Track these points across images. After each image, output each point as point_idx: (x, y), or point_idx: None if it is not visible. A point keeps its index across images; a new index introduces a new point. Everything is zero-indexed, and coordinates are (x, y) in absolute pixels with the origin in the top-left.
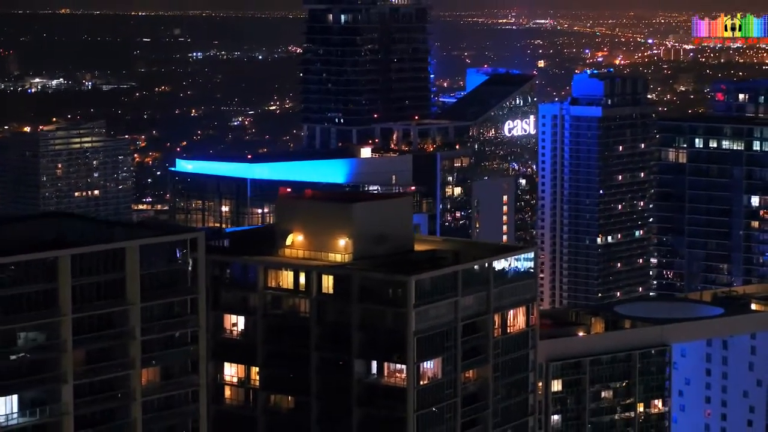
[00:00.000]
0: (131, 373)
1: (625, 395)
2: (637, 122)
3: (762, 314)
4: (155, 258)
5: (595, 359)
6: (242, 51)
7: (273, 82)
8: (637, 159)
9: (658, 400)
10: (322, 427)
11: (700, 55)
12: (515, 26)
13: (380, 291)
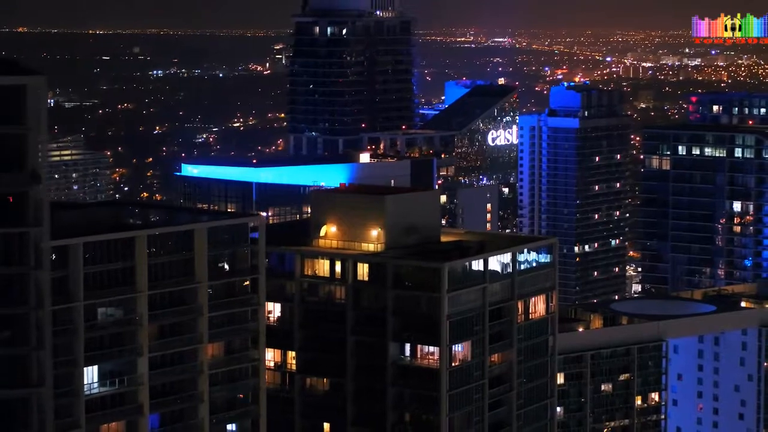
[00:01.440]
0: (199, 347)
1: (624, 388)
2: (614, 133)
3: (752, 311)
4: (220, 240)
5: (595, 353)
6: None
7: (236, 99)
8: (613, 169)
9: (655, 393)
10: (357, 406)
11: (659, 73)
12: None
13: (414, 277)
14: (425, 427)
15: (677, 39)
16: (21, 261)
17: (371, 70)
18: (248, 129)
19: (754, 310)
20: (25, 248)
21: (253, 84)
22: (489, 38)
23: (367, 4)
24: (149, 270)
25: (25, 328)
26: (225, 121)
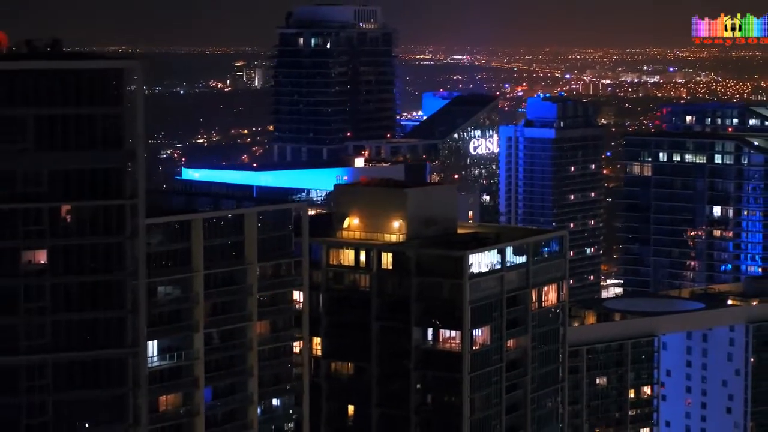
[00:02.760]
0: (248, 325)
1: (618, 381)
2: (589, 144)
3: (740, 308)
4: (268, 224)
5: (590, 348)
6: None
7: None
8: (588, 179)
9: (647, 387)
10: (381, 389)
11: (618, 90)
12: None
13: (437, 265)
14: (447, 408)
15: (635, 56)
16: (119, 231)
17: (355, 80)
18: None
19: (741, 307)
20: (123, 219)
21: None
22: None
23: (350, 16)
24: (204, 251)
25: (121, 293)
26: (188, 137)
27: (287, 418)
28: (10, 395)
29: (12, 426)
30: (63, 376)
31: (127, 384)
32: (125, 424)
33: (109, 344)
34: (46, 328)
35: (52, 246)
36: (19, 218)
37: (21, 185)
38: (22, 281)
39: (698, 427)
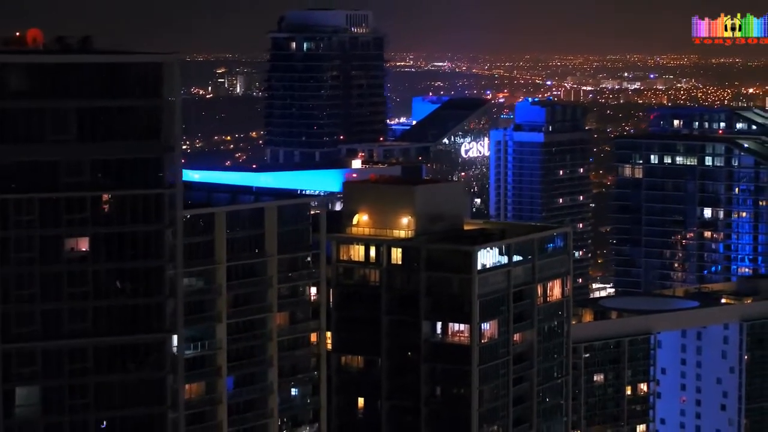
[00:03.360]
0: (268, 316)
1: (615, 378)
2: (577, 148)
3: (734, 306)
4: (287, 217)
5: (588, 345)
6: None
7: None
8: (576, 183)
9: (643, 384)
10: (391, 382)
11: (599, 96)
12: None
13: (447, 260)
14: (457, 400)
15: (616, 63)
16: (157, 219)
17: (346, 84)
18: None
19: (735, 306)
20: (161, 208)
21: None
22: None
23: (342, 20)
24: (227, 244)
25: (160, 279)
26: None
27: (305, 407)
28: (54, 378)
29: (56, 407)
30: (103, 360)
31: (164, 367)
32: (163, 406)
33: (148, 329)
34: (87, 313)
35: (93, 234)
36: (62, 207)
37: (64, 175)
38: (65, 267)
39: (693, 424)
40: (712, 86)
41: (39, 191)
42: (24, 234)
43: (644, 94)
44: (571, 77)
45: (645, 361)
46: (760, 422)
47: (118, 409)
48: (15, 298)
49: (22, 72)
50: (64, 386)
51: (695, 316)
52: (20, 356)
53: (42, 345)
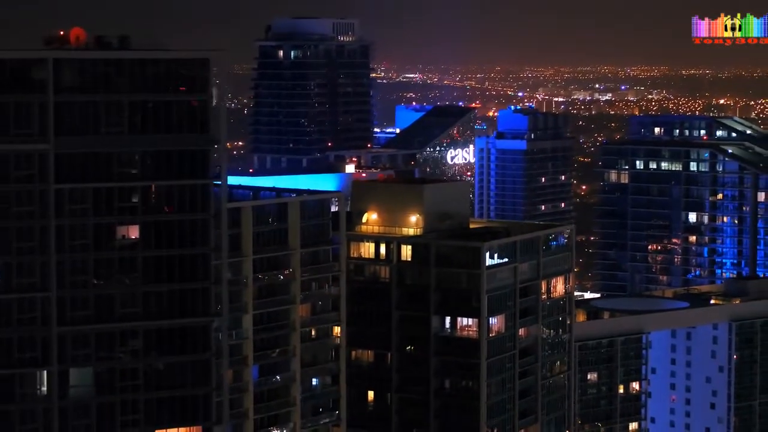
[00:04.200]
0: (292, 307)
1: (608, 377)
2: (558, 155)
3: (723, 306)
4: (309, 213)
5: (582, 344)
6: None
7: None
8: (558, 190)
9: (635, 382)
10: (400, 375)
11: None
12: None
13: (456, 256)
14: (465, 392)
15: (587, 75)
16: (203, 208)
17: (333, 91)
18: None
19: (725, 306)
20: (207, 198)
21: None
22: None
23: (328, 29)
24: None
25: (206, 266)
26: None
27: (325, 396)
28: (107, 359)
29: (108, 388)
30: (152, 342)
31: (210, 350)
32: (208, 387)
33: (194, 313)
34: (137, 298)
35: (143, 222)
36: (114, 196)
37: (116, 166)
38: (117, 254)
39: (683, 423)
40: (683, 97)
41: (93, 181)
42: (78, 222)
43: (616, 105)
44: (542, 88)
45: (637, 360)
46: (749, 420)
47: (167, 389)
48: (70, 283)
49: (77, 68)
50: (115, 368)
51: (686, 316)
52: (74, 339)
53: (95, 328)
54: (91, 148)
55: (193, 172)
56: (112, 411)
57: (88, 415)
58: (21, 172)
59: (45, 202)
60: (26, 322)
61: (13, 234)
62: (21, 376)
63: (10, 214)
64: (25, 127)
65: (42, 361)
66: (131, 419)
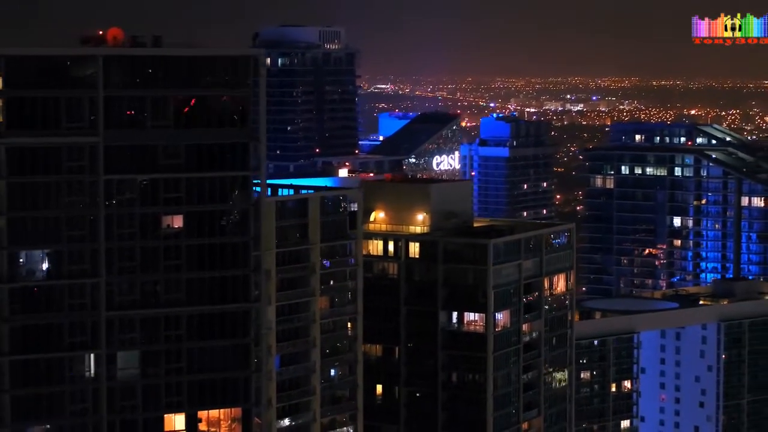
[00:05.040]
0: (312, 299)
1: (601, 375)
2: (540, 162)
3: (712, 307)
4: (328, 208)
5: (575, 344)
6: None
7: None
8: (540, 196)
9: (627, 381)
10: (408, 369)
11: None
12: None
13: (463, 253)
14: (472, 385)
15: (558, 85)
16: (243, 199)
17: (320, 98)
18: None
19: (714, 306)
20: (247, 189)
21: None
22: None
23: (315, 37)
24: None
25: (246, 254)
26: None
27: (343, 386)
28: (151, 343)
29: (153, 370)
30: (195, 327)
31: (249, 335)
32: (248, 370)
33: (234, 299)
34: (181, 284)
35: (187, 212)
36: (160, 187)
37: (162, 158)
38: (162, 243)
39: (672, 421)
40: (655, 108)
41: (139, 172)
42: (126, 211)
43: (587, 115)
44: (514, 99)
45: (629, 359)
46: (738, 419)
47: (208, 372)
48: (117, 270)
49: (125, 65)
50: (160, 351)
51: (676, 317)
52: (122, 323)
53: (141, 313)
54: (138, 141)
55: (234, 165)
56: (156, 392)
57: (134, 396)
58: (72, 163)
59: (95, 192)
60: (76, 308)
61: (64, 223)
62: (71, 359)
63: (62, 204)
64: (76, 121)
65: (91, 344)
66: (175, 401)
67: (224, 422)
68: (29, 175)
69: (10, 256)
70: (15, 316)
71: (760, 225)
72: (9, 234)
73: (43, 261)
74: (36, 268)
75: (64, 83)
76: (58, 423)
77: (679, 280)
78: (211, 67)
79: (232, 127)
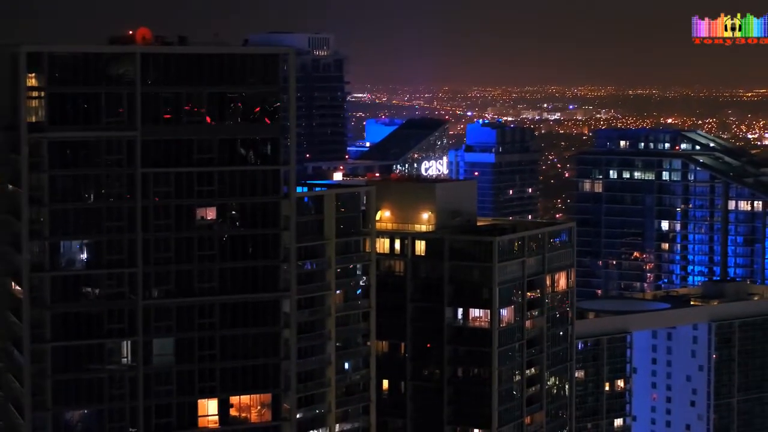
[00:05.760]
0: (328, 293)
1: (595, 374)
2: (526, 168)
3: (704, 307)
4: (343, 205)
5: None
6: None
7: None
8: (525, 202)
9: (620, 380)
10: (414, 364)
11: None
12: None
13: (468, 251)
14: (477, 380)
15: (534, 95)
16: (274, 192)
17: (309, 104)
18: None
19: (705, 307)
20: (277, 182)
21: None
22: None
23: (304, 43)
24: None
25: (276, 245)
26: None
27: (356, 378)
28: (186, 330)
29: (187, 357)
30: (227, 315)
31: (279, 323)
32: (277, 357)
33: (265, 288)
34: (214, 274)
35: (220, 204)
36: (194, 180)
37: (196, 152)
38: (196, 234)
39: (663, 420)
40: (631, 116)
41: (175, 166)
42: (162, 203)
43: (564, 124)
44: (491, 108)
45: (622, 358)
46: (728, 417)
47: (240, 359)
48: (154, 260)
49: (161, 62)
50: (194, 338)
51: (668, 317)
52: (158, 311)
53: (176, 302)
54: (173, 136)
55: (265, 158)
56: (191, 378)
57: (170, 382)
58: (111, 157)
59: (132, 184)
60: (115, 296)
61: (103, 214)
62: (110, 345)
63: (101, 196)
64: (115, 116)
65: (128, 332)
66: (208, 386)
67: (254, 407)
68: (70, 168)
69: (52, 246)
70: (56, 304)
71: (746, 228)
72: (50, 225)
73: (82, 251)
74: (76, 257)
75: (101, 80)
76: (96, 407)
77: (666, 284)
78: (243, 64)
79: (263, 122)
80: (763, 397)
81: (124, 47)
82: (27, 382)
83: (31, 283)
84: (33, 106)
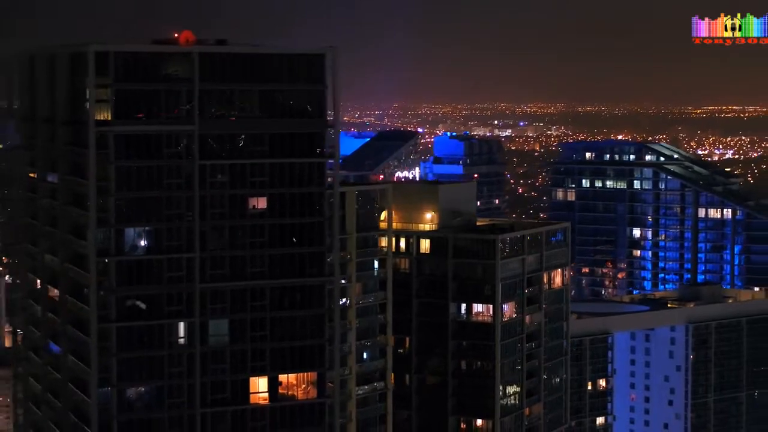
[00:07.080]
0: (349, 285)
1: (578, 374)
2: (493, 180)
3: (681, 309)
4: (363, 201)
5: None
6: None
7: None
8: (493, 213)
9: (602, 380)
10: (419, 357)
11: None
12: None
13: (471, 248)
14: (480, 372)
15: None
16: (319, 183)
17: None
18: None
19: (682, 309)
20: (321, 174)
21: None
22: None
23: None
24: None
25: (321, 233)
26: None
27: (375, 367)
28: (239, 313)
29: (240, 337)
30: (277, 299)
31: (324, 306)
32: (323, 339)
33: (311, 274)
34: (264, 259)
35: (270, 194)
36: (246, 171)
37: (248, 145)
38: (248, 222)
39: (642, 419)
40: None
41: (229, 158)
42: (217, 193)
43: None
44: (442, 125)
45: (603, 359)
46: (705, 416)
47: (288, 340)
48: (210, 246)
49: (215, 61)
50: (246, 320)
51: (648, 319)
52: (213, 295)
53: (230, 285)
54: (228, 130)
55: (312, 152)
56: (243, 357)
57: (224, 361)
58: (171, 149)
59: (190, 175)
60: (174, 280)
61: (163, 203)
62: (169, 326)
63: (162, 186)
64: (174, 111)
65: (186, 313)
66: (259, 365)
67: (301, 385)
68: (134, 160)
69: (117, 232)
70: (120, 287)
71: (715, 235)
72: (115, 213)
73: (144, 237)
74: (138, 244)
75: (159, 78)
76: (156, 384)
77: (638, 289)
78: (291, 63)
79: (309, 118)
80: (738, 397)
81: (183, 48)
82: (93, 361)
83: (97, 268)
84: (98, 101)
